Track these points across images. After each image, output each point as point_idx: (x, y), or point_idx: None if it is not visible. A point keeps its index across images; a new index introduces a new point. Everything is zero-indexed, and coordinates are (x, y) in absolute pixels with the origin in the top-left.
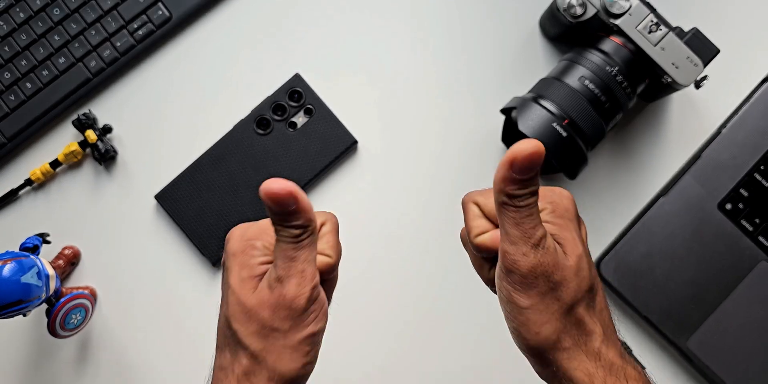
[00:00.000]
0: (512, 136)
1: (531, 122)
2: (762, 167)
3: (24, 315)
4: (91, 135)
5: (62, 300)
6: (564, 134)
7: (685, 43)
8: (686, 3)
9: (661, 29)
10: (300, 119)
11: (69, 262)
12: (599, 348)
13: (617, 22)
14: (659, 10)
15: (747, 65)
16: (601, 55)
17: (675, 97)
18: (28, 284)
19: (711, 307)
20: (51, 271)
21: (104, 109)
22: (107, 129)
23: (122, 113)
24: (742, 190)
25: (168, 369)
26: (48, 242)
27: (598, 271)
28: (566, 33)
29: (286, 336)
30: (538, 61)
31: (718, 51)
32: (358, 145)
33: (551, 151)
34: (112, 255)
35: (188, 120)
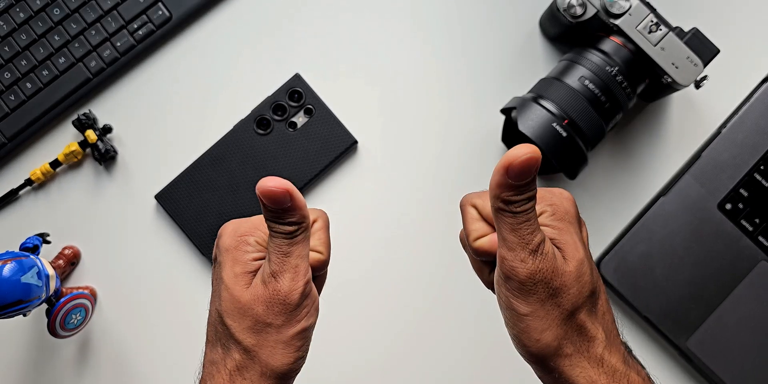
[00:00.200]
0: (512, 136)
1: (531, 122)
2: (762, 167)
3: (24, 315)
4: (91, 135)
5: (62, 300)
6: (564, 134)
7: (685, 43)
8: (686, 3)
9: (661, 29)
10: (300, 119)
11: (69, 262)
12: (602, 354)
13: (617, 22)
14: (659, 10)
15: (747, 65)
16: (601, 55)
17: (675, 97)
18: (28, 284)
19: (711, 307)
20: (51, 271)
21: (104, 109)
22: (107, 129)
23: (122, 113)
24: (742, 190)
25: (168, 369)
26: (48, 242)
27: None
28: (566, 33)
29: (279, 331)
30: (538, 61)
31: (718, 51)
32: (358, 145)
33: (551, 151)
34: (112, 255)
35: (188, 120)
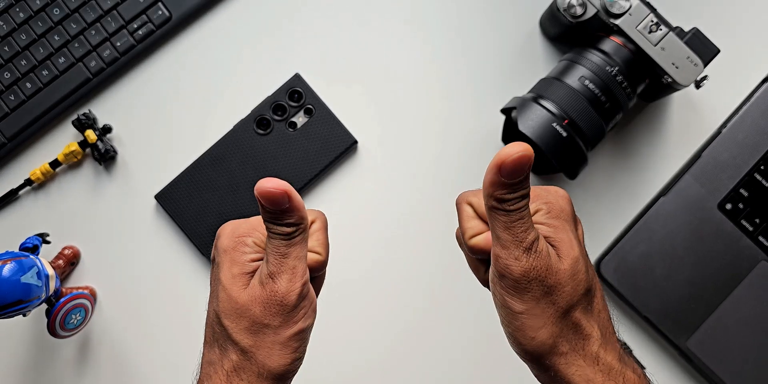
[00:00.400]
0: (512, 136)
1: (531, 122)
2: (762, 167)
3: (24, 315)
4: (91, 135)
5: (62, 300)
6: (564, 134)
7: (685, 43)
8: (686, 3)
9: (661, 29)
10: (300, 119)
11: (69, 262)
12: (597, 352)
13: (617, 22)
14: (659, 10)
15: (747, 65)
16: (601, 55)
17: (675, 97)
18: (28, 284)
19: (711, 307)
20: (51, 271)
21: (104, 109)
22: (107, 129)
23: (122, 113)
24: (742, 190)
25: (167, 369)
26: (48, 242)
27: (598, 271)
28: (566, 33)
29: (277, 332)
30: (538, 61)
31: (718, 51)
32: (358, 145)
33: (551, 151)
34: (112, 255)
35: (188, 120)
